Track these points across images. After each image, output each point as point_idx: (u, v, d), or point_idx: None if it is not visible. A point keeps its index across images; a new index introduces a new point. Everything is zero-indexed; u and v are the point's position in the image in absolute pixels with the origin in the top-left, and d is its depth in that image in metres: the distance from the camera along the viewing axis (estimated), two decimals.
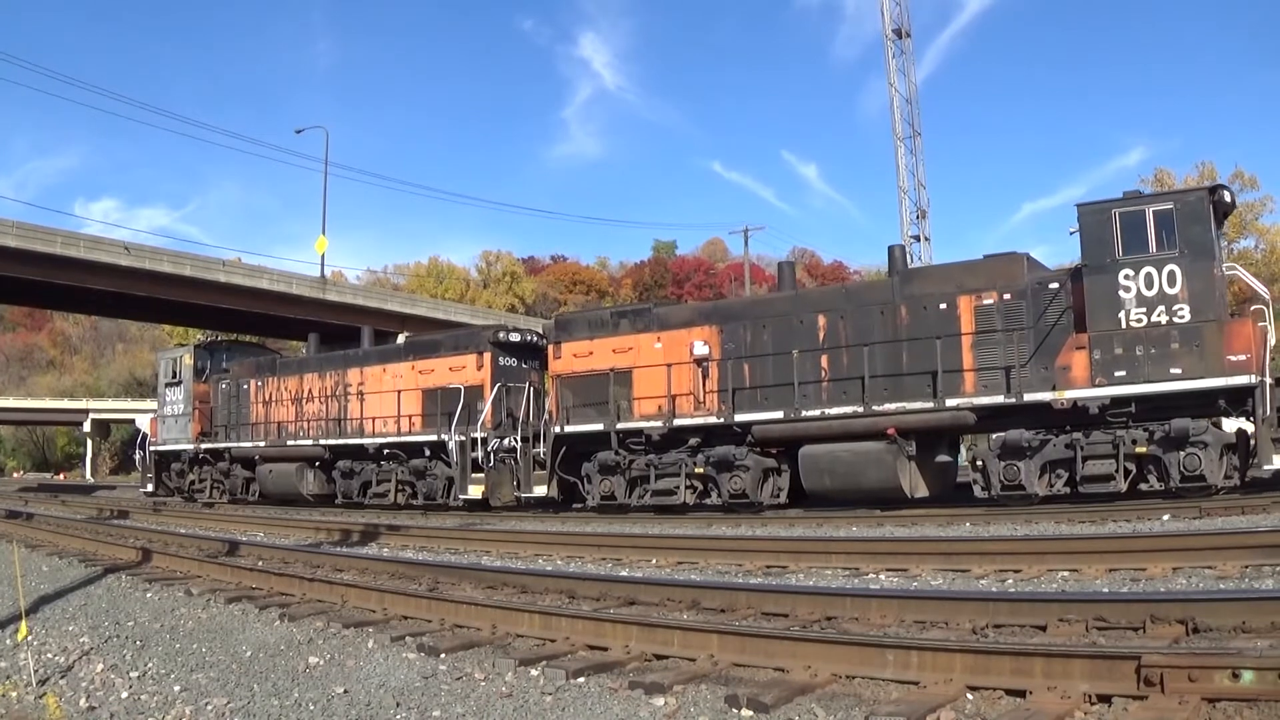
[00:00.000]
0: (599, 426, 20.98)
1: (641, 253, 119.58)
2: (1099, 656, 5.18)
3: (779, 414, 18.93)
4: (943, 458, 19.15)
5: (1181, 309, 15.90)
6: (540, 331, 25.82)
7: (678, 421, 20.08)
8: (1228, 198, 16.69)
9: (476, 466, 23.23)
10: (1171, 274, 16.00)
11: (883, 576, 10.44)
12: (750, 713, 5.29)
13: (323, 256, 52.60)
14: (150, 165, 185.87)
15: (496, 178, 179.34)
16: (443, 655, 7.00)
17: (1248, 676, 4.69)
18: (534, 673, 6.36)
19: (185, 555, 13.89)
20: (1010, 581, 9.67)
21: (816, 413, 18.55)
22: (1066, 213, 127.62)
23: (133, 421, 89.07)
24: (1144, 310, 16.12)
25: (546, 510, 22.64)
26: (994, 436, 17.28)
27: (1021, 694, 5.17)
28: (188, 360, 31.98)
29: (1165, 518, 14.22)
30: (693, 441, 20.00)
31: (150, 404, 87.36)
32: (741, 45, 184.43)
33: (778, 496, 19.39)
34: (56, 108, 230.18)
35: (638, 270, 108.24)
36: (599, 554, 13.57)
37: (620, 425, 20.71)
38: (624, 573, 11.92)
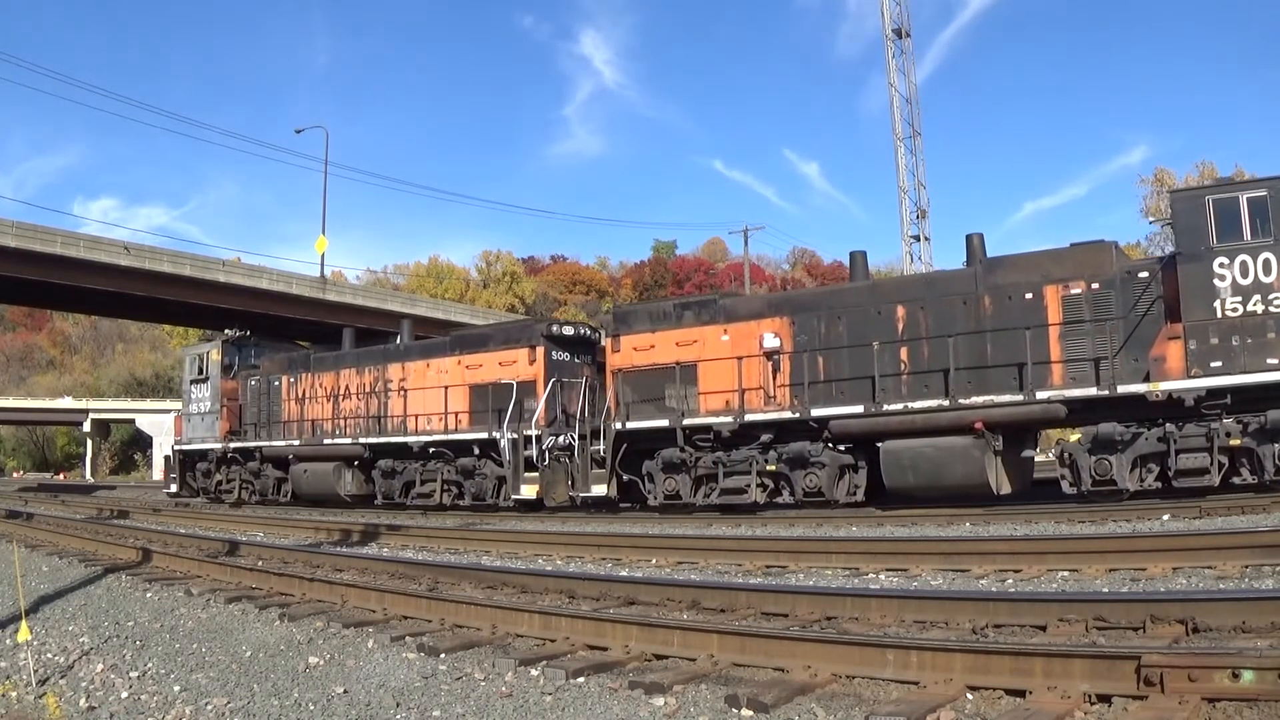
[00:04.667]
0: (664, 423, 20.47)
1: (641, 252, 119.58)
2: (1099, 656, 5.21)
3: (858, 408, 18.48)
4: (1027, 453, 18.73)
5: (1277, 298, 15.62)
6: (593, 325, 25.33)
7: (749, 417, 19.58)
8: None
9: (530, 465, 22.71)
10: (1267, 262, 15.73)
11: (883, 576, 10.54)
12: (750, 713, 5.33)
13: (322, 256, 52.55)
14: (149, 164, 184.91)
15: (496, 177, 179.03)
16: (443, 655, 7.06)
17: (1248, 676, 4.70)
18: (534, 672, 6.41)
19: (185, 555, 14.00)
20: (1010, 581, 9.75)
21: (898, 406, 18.11)
22: (1068, 211, 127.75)
23: (133, 421, 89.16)
24: (1239, 299, 15.84)
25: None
26: (1085, 430, 16.82)
27: (1021, 694, 5.20)
28: (215, 356, 31.34)
29: (1165, 517, 14.24)
30: (764, 438, 19.51)
31: (150, 404, 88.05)
32: (743, 43, 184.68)
33: (854, 494, 18.92)
34: (54, 106, 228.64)
35: (638, 270, 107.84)
36: (599, 554, 13.74)
37: (687, 421, 20.21)
38: (624, 573, 12.06)
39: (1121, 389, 16.33)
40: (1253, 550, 9.57)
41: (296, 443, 28.27)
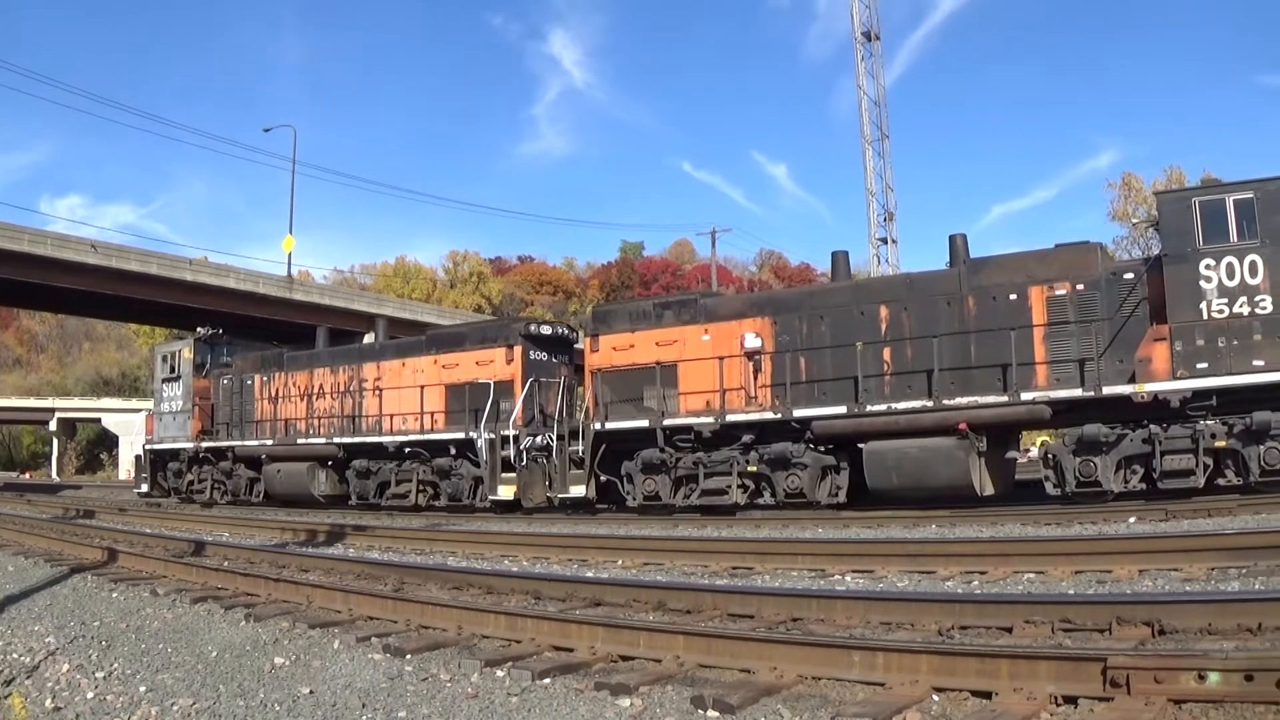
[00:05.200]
0: (644, 423, 20.18)
1: (609, 253, 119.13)
2: (1065, 658, 5.23)
3: (841, 409, 18.26)
4: (1011, 454, 18.58)
5: (1264, 300, 15.57)
6: (570, 325, 25.08)
7: (731, 417, 19.32)
8: None
9: (507, 466, 22.37)
10: (1253, 264, 15.67)
11: (848, 578, 10.55)
12: (716, 714, 5.32)
13: (289, 256, 52.38)
14: (117, 161, 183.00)
15: (464, 176, 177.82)
16: (408, 656, 7.03)
17: (1214, 678, 4.72)
18: (500, 674, 6.39)
19: (151, 555, 13.91)
20: (976, 583, 9.77)
21: (882, 407, 17.90)
22: (1036, 214, 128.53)
23: (99, 421, 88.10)
24: (1225, 301, 15.76)
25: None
26: (1070, 431, 16.73)
27: (987, 695, 5.19)
28: (187, 354, 30.78)
29: (1131, 520, 14.23)
30: (746, 438, 19.26)
31: (116, 403, 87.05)
32: (712, 44, 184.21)
33: (836, 495, 18.69)
34: (21, 102, 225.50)
35: (605, 271, 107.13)
36: (565, 555, 13.76)
37: (668, 422, 19.93)
38: (590, 574, 12.07)
39: (1107, 390, 16.20)
40: (1219, 553, 9.60)
41: (269, 442, 27.77)
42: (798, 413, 18.59)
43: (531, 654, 6.90)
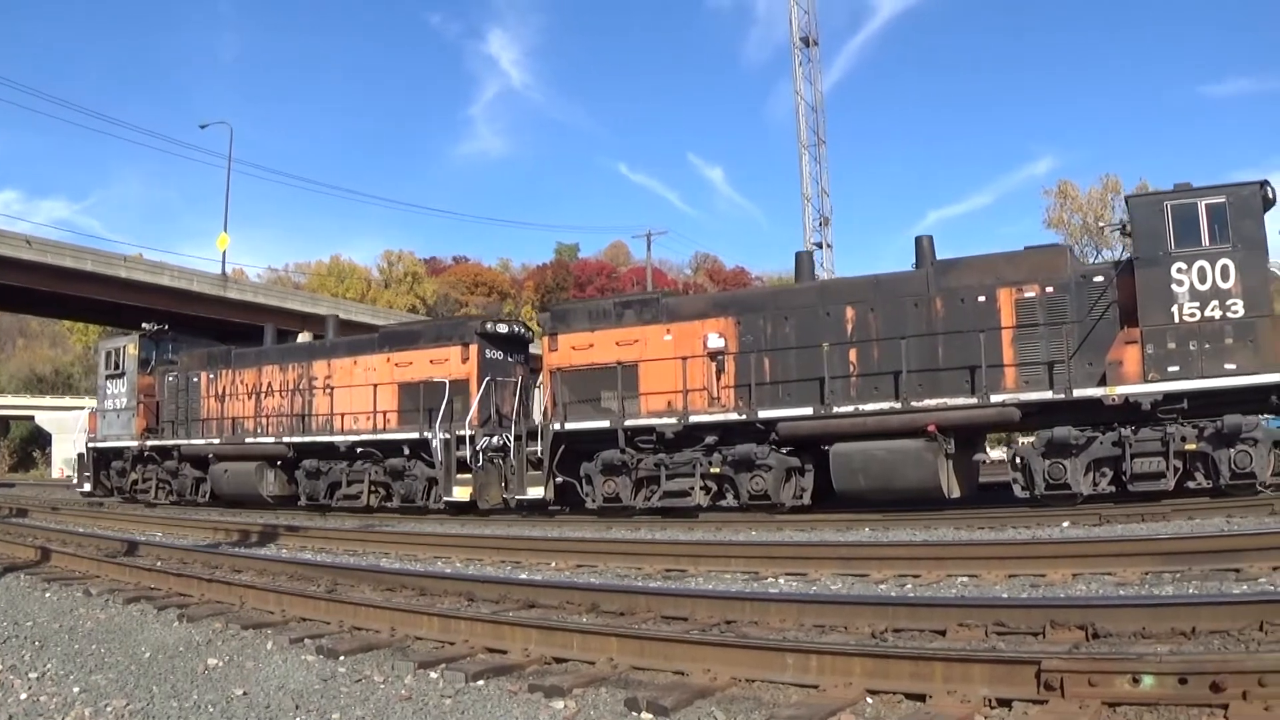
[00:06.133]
0: (605, 423, 19.65)
1: (544, 254, 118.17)
2: (999, 661, 5.24)
3: (807, 410, 17.86)
4: (978, 456, 18.27)
5: (1235, 304, 15.52)
6: (526, 323, 24.47)
7: (695, 418, 18.85)
8: (1271, 194, 16.18)
9: (463, 467, 21.72)
10: (1225, 268, 15.60)
11: (782, 581, 10.60)
12: (650, 716, 5.31)
13: (224, 254, 51.60)
14: (52, 156, 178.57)
15: (401, 176, 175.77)
16: (342, 657, 7.01)
17: (1148, 681, 4.75)
18: (433, 675, 6.38)
19: (84, 555, 13.83)
20: (910, 586, 9.80)
21: (849, 409, 17.53)
22: (972, 220, 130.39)
23: (32, 418, 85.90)
24: (1197, 305, 15.68)
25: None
26: (1039, 434, 16.51)
27: (921, 698, 5.18)
28: (132, 350, 29.62)
29: (1065, 524, 14.30)
30: (709, 440, 18.80)
31: (50, 400, 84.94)
32: (651, 46, 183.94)
33: (800, 497, 18.32)
34: None
35: (540, 273, 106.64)
36: (498, 556, 13.82)
37: (629, 422, 19.40)
38: (523, 575, 12.11)
39: (1078, 393, 16.06)
40: (1153, 557, 9.67)
41: (216, 441, 26.82)
42: (763, 414, 18.18)
43: (465, 656, 6.90)
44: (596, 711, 5.45)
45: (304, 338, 39.86)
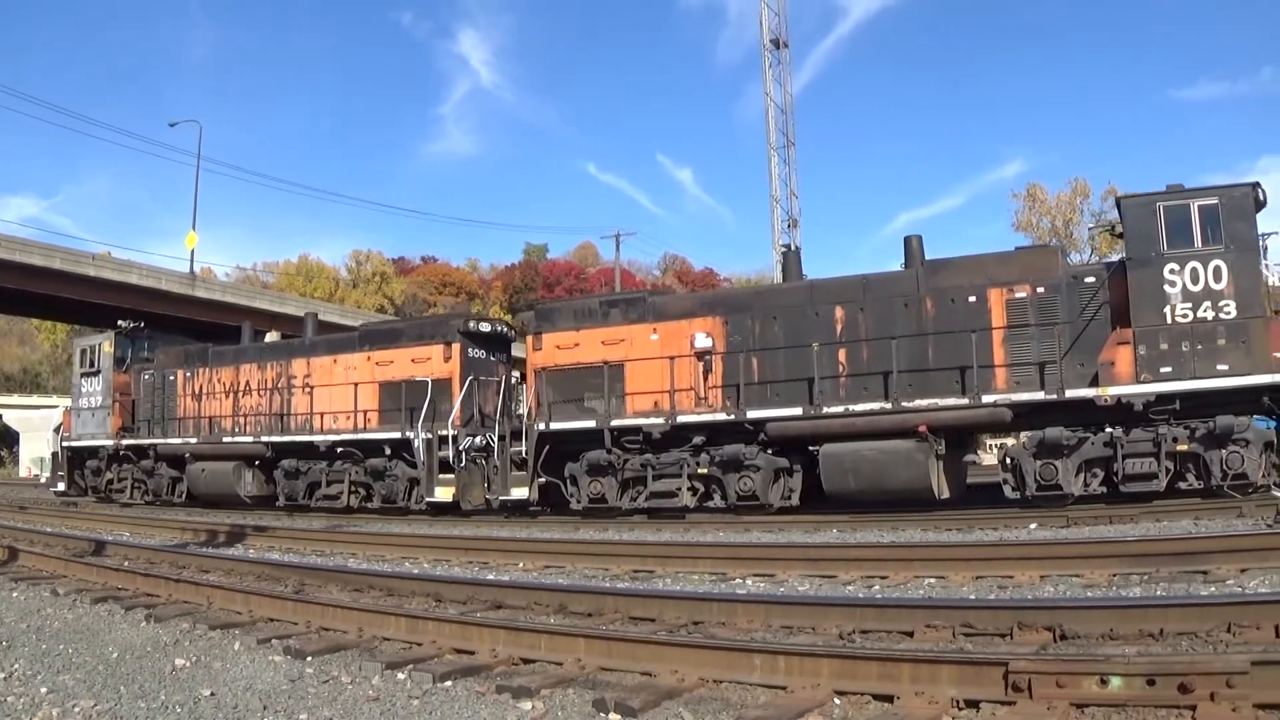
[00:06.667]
0: (591, 424, 19.71)
1: (513, 255, 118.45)
2: (966, 662, 5.30)
3: (797, 410, 17.96)
4: (968, 457, 18.41)
5: (1228, 305, 15.73)
6: (509, 322, 24.54)
7: (682, 418, 18.93)
8: (1263, 195, 16.40)
9: (445, 467, 21.76)
10: (1217, 269, 15.81)
11: (750, 582, 10.78)
12: (618, 717, 5.36)
13: (192, 252, 51.88)
14: (20, 153, 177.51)
15: (370, 175, 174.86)
16: (309, 658, 7.07)
17: (1116, 682, 4.81)
18: (401, 676, 6.45)
19: (52, 555, 13.92)
20: (877, 588, 9.95)
21: (839, 409, 17.64)
22: (941, 223, 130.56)
23: None
24: (1190, 305, 15.88)
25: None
26: (1031, 434, 16.67)
27: (889, 699, 5.25)
28: (107, 348, 29.54)
29: (1032, 526, 14.56)
30: (696, 440, 18.89)
31: (17, 399, 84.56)
32: (621, 46, 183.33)
33: (789, 498, 18.42)
34: None
35: (508, 273, 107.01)
36: (465, 557, 14.02)
37: (616, 422, 19.48)
38: (491, 576, 12.24)
39: (1070, 393, 16.19)
40: (1120, 559, 9.78)
41: (193, 440, 26.79)
42: (752, 414, 18.27)
43: (433, 656, 6.97)
44: (564, 712, 5.52)
45: (272, 337, 39.80)
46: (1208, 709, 4.58)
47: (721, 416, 18.71)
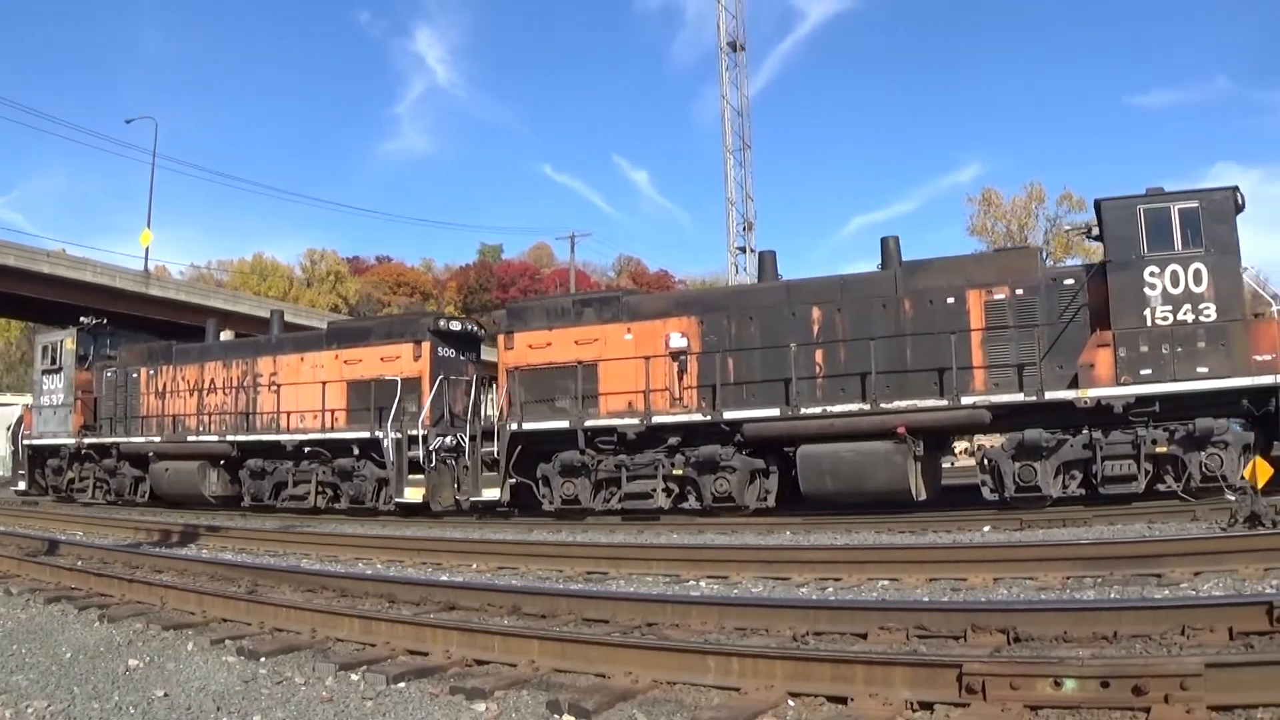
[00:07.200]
0: (564, 424, 19.81)
1: (467, 255, 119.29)
2: (920, 664, 5.42)
3: (774, 411, 18.11)
4: (946, 459, 18.59)
5: (1208, 308, 16.00)
6: (479, 322, 24.63)
7: (658, 419, 19.06)
8: (1241, 199, 16.65)
9: (415, 467, 21.83)
10: (1198, 272, 16.07)
11: (703, 584, 11.00)
12: (572, 718, 5.46)
13: (147, 250, 51.72)
14: None
15: (325, 174, 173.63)
16: (263, 659, 7.19)
17: (1070, 685, 4.93)
18: (354, 677, 6.56)
19: (4, 554, 14.01)
20: (831, 590, 10.14)
21: (817, 410, 17.79)
22: (895, 226, 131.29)
23: None
24: (1170, 308, 16.13)
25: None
26: (1010, 436, 16.85)
27: (843, 700, 5.37)
28: (70, 345, 29.43)
29: (986, 529, 14.90)
30: (672, 440, 19.01)
31: None
32: (578, 46, 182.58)
33: (765, 500, 18.57)
34: None
35: (463, 273, 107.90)
36: (419, 558, 14.34)
37: (590, 423, 19.58)
38: (444, 577, 12.46)
39: (1050, 395, 16.40)
40: (1073, 562, 10.00)
41: (157, 439, 26.74)
42: (729, 415, 18.41)
43: (386, 658, 7.09)
44: (518, 714, 5.63)
45: (226, 336, 39.83)
46: (1162, 711, 4.69)
47: (698, 417, 18.84)
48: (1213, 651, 5.72)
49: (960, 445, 28.88)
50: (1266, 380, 15.51)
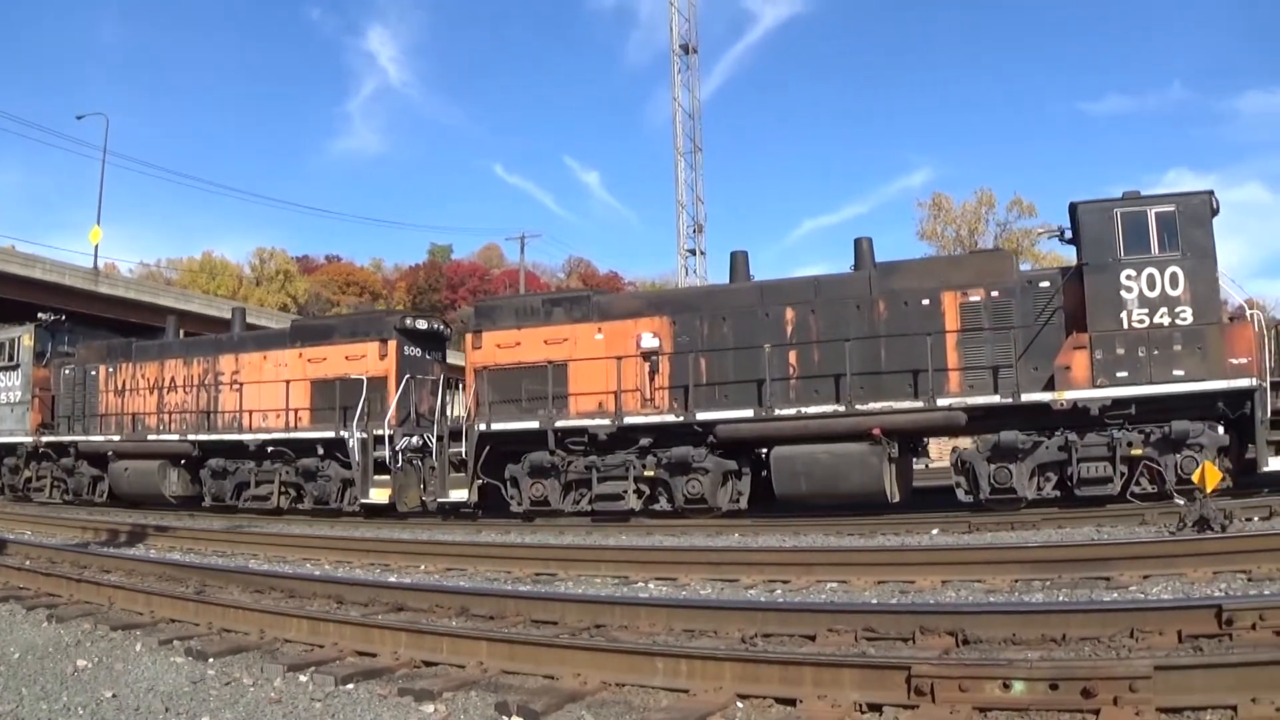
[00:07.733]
0: (534, 424, 19.92)
1: (417, 255, 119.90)
2: (869, 666, 5.54)
3: (748, 412, 18.30)
4: (920, 462, 18.82)
5: (1184, 311, 16.30)
6: (445, 320, 24.72)
7: (630, 419, 19.22)
8: (1216, 203, 16.91)
9: (380, 468, 21.92)
10: (1174, 275, 16.37)
11: (652, 585, 11.22)
12: None
13: (96, 248, 51.87)
14: None
15: (275, 172, 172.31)
16: (211, 659, 7.28)
17: (1019, 687, 5.04)
18: (303, 678, 6.66)
19: None
20: (779, 592, 10.36)
21: (791, 411, 17.98)
22: (846, 229, 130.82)
23: None
24: (1146, 311, 16.42)
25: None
26: (985, 438, 17.06)
27: (792, 702, 5.48)
28: (27, 341, 29.22)
29: (934, 532, 15.22)
30: (643, 442, 19.17)
31: None
32: (531, 46, 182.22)
33: (737, 501, 18.73)
34: None
35: (412, 273, 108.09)
36: (367, 559, 14.65)
37: (560, 423, 19.71)
38: (392, 578, 12.67)
39: (1026, 397, 16.66)
40: (1022, 565, 10.21)
41: (116, 438, 26.69)
42: (701, 415, 18.58)
43: (335, 659, 7.19)
44: (467, 715, 5.74)
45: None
46: (1111, 713, 4.82)
47: (670, 418, 19.01)
48: (1162, 654, 5.83)
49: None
50: (1242, 383, 15.80)
